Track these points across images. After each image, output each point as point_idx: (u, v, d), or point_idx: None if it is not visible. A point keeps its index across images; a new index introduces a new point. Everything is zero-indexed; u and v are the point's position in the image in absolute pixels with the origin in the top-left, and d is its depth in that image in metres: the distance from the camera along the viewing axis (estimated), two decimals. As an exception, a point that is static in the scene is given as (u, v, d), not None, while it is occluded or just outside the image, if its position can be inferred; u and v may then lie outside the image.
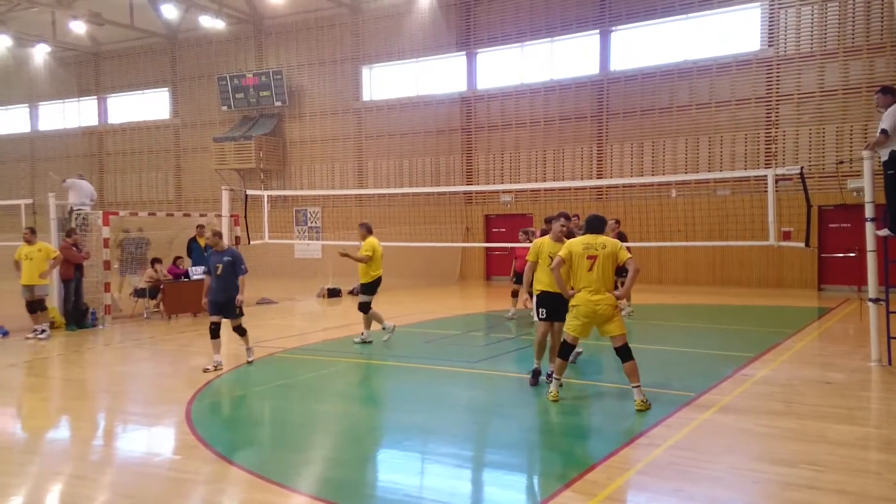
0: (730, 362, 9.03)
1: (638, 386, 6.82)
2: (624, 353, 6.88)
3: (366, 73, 24.63)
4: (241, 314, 9.31)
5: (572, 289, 7.08)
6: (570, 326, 7.04)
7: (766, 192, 10.73)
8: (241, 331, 9.34)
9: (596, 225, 7.11)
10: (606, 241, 7.04)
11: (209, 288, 9.15)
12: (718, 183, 18.91)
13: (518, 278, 12.46)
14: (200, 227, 15.21)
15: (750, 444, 5.90)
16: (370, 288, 10.75)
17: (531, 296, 8.26)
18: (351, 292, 18.33)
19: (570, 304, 7.08)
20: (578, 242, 7.06)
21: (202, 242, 14.82)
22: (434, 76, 23.37)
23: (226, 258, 9.05)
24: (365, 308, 10.74)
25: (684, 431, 6.16)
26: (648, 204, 19.51)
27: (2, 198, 27.34)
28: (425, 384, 8.52)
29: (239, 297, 9.11)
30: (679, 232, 18.22)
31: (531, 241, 12.42)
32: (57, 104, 31.23)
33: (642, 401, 6.76)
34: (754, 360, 9.21)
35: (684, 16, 19.53)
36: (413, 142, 23.58)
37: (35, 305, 11.77)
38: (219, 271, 9.01)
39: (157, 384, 8.79)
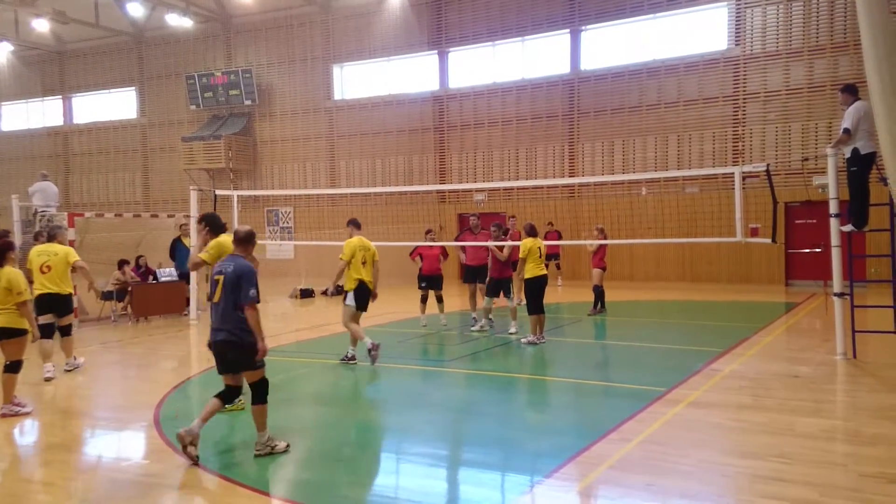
0: (699, 357, 9.14)
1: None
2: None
3: (336, 71, 24.47)
4: None
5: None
6: None
7: (733, 189, 10.89)
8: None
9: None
10: None
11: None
12: (687, 181, 19.16)
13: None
14: (185, 225, 14.47)
15: (720, 438, 5.98)
16: None
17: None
18: (324, 293, 18.23)
19: None
20: None
21: (187, 243, 13.90)
22: (406, 75, 23.30)
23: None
24: None
25: (655, 426, 6.21)
26: (619, 202, 19.68)
27: (-37, 200, 26.72)
28: (399, 384, 8.50)
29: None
30: (649, 229, 18.42)
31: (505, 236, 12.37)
32: (20, 104, 30.52)
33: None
34: (723, 354, 9.33)
35: (652, 15, 19.74)
36: (385, 141, 23.49)
37: None
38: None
39: (126, 387, 8.63)
